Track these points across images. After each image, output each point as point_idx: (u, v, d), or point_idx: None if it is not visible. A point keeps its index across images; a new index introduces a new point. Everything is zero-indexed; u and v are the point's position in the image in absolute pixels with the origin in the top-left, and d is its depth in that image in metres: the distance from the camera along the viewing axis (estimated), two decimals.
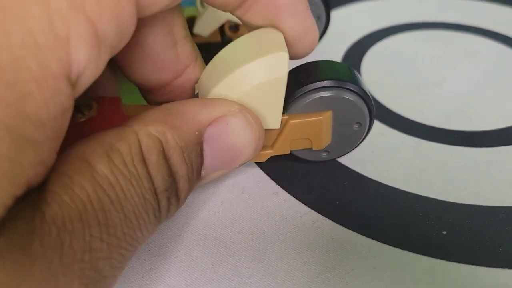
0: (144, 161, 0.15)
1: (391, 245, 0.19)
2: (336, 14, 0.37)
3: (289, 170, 0.23)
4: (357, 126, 0.21)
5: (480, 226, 0.20)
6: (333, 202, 0.21)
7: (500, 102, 0.27)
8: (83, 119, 0.19)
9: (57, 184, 0.13)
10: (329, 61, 0.21)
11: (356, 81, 0.20)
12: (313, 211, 0.21)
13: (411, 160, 0.23)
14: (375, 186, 0.22)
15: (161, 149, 0.15)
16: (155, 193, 0.15)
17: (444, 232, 0.19)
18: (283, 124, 0.20)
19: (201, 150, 0.16)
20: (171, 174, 0.15)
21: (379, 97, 0.28)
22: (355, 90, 0.20)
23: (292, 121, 0.20)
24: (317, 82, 0.19)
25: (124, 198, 0.14)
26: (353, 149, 0.22)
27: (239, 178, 0.22)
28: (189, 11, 0.30)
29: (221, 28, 0.30)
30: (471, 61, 0.31)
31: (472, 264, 0.18)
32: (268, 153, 0.20)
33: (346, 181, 0.22)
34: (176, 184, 0.16)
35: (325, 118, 0.20)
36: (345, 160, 0.23)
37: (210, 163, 0.17)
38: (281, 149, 0.20)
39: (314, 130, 0.20)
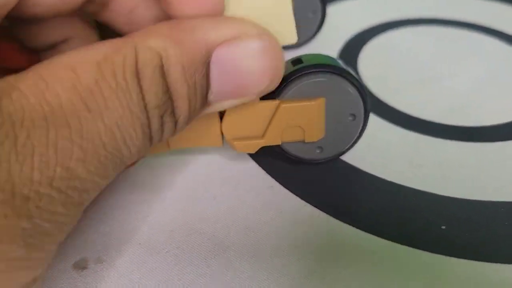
0: (137, 74, 0.14)
1: (389, 239, 0.19)
2: (334, 9, 0.37)
3: (285, 164, 0.22)
4: (351, 119, 0.20)
5: (479, 221, 0.19)
6: (330, 196, 0.21)
7: (500, 98, 0.27)
8: None
9: (30, 86, 0.13)
10: (324, 54, 0.20)
11: (350, 71, 0.19)
12: (309, 205, 0.20)
13: (410, 155, 0.23)
14: (373, 180, 0.21)
15: (159, 63, 0.14)
16: (145, 108, 0.14)
17: (443, 227, 0.19)
18: (275, 109, 0.19)
19: (208, 71, 0.15)
20: (167, 91, 0.14)
21: (377, 91, 0.27)
22: (349, 78, 0.19)
23: (283, 105, 0.19)
24: (310, 66, 0.19)
25: (105, 108, 0.13)
26: (348, 148, 0.21)
27: (233, 172, 0.22)
28: None
29: None
30: (470, 58, 0.31)
31: (471, 259, 0.18)
32: (259, 142, 0.20)
33: (343, 175, 0.22)
34: (172, 103, 0.15)
35: (318, 104, 0.19)
36: None
37: (218, 88, 0.16)
38: (272, 138, 0.20)
39: (306, 116, 0.19)
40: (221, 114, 0.19)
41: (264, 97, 0.19)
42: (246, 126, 0.19)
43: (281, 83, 0.18)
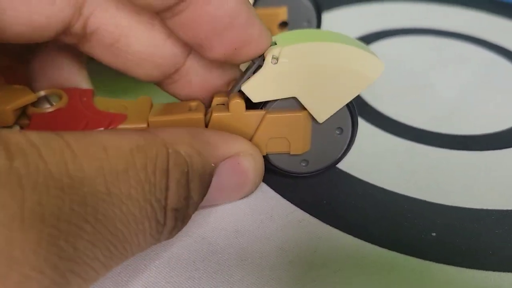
0: (167, 173, 0.14)
1: (379, 245, 0.19)
2: (328, 17, 0.37)
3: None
4: (338, 132, 0.20)
5: (470, 229, 0.19)
6: (321, 201, 0.20)
7: (490, 107, 0.27)
8: (50, 110, 0.18)
9: (53, 151, 0.12)
10: None
11: None
12: (299, 209, 0.20)
13: (401, 162, 0.23)
14: (364, 186, 0.21)
15: (186, 169, 0.15)
16: (164, 207, 0.14)
17: (434, 234, 0.19)
18: (260, 119, 0.19)
19: (210, 182, 0.17)
20: (187, 198, 0.15)
21: (370, 99, 0.28)
22: None
23: (269, 115, 0.19)
24: None
25: (127, 197, 0.13)
26: (335, 162, 0.21)
27: None
28: None
29: None
30: (461, 67, 0.31)
31: (462, 266, 0.18)
32: None
33: (334, 180, 0.21)
34: (187, 209, 0.16)
35: (304, 116, 0.19)
36: None
37: (211, 196, 0.17)
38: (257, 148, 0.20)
39: (291, 128, 0.19)
40: (207, 123, 0.19)
41: (251, 107, 0.19)
42: None
43: None
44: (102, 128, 0.18)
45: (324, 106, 0.19)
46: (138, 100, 0.20)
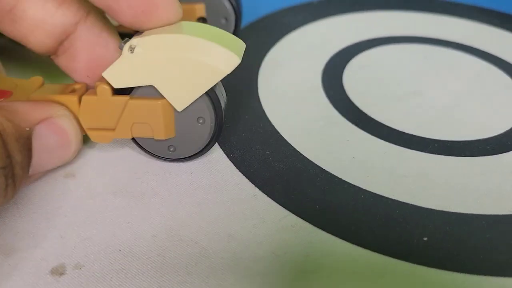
0: None
1: (371, 250, 0.19)
2: (319, 25, 0.38)
3: (268, 173, 0.22)
4: (201, 122, 0.21)
5: (461, 234, 0.19)
6: (313, 206, 0.20)
7: (480, 114, 0.27)
8: None
9: None
10: None
11: None
12: (292, 214, 0.20)
13: (392, 167, 0.23)
14: (356, 191, 0.21)
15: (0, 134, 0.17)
16: None
17: (425, 239, 0.19)
18: (124, 104, 0.20)
19: (31, 145, 0.18)
20: (9, 156, 0.17)
21: (360, 105, 0.28)
22: None
23: (130, 101, 0.20)
24: None
25: None
26: (202, 151, 0.22)
27: (217, 180, 0.22)
28: None
29: None
30: (451, 74, 0.31)
31: (453, 270, 0.18)
32: (110, 134, 0.21)
33: (326, 186, 0.22)
34: (13, 168, 0.17)
35: (163, 104, 0.20)
36: (325, 165, 0.23)
37: (35, 160, 0.19)
38: (123, 131, 0.21)
39: (152, 114, 0.20)
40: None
41: (119, 92, 0.20)
42: (100, 118, 0.21)
43: None
44: None
45: (181, 96, 0.20)
46: (30, 79, 0.22)
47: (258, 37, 0.35)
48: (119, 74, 0.19)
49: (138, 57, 0.19)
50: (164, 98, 0.20)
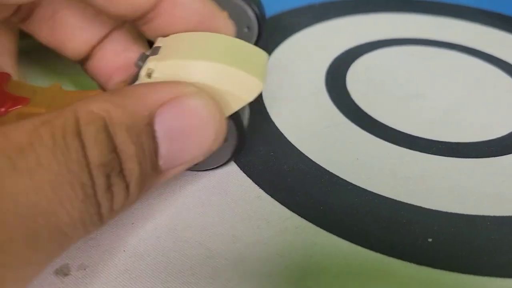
0: (78, 133, 0.13)
1: (375, 251, 0.19)
2: (322, 27, 0.38)
3: (272, 174, 0.22)
4: (224, 141, 0.20)
5: (465, 235, 0.19)
6: (317, 207, 0.20)
7: (483, 115, 0.27)
8: None
9: None
10: None
11: None
12: (296, 215, 0.20)
13: (395, 168, 0.23)
14: (360, 192, 0.21)
15: (103, 123, 0.14)
16: (86, 166, 0.13)
17: (430, 240, 0.19)
18: None
19: (153, 132, 0.15)
20: (114, 150, 0.14)
21: (364, 106, 0.28)
22: None
23: None
24: None
25: (37, 165, 0.12)
26: (223, 164, 0.22)
27: (221, 181, 0.22)
28: None
29: None
30: (454, 77, 0.31)
31: (458, 271, 0.18)
32: None
33: (330, 187, 0.22)
34: (121, 163, 0.14)
35: None
36: (329, 166, 0.23)
37: (167, 150, 0.16)
38: None
39: None
40: None
41: None
42: None
43: None
44: (3, 109, 0.19)
45: None
46: (49, 86, 0.21)
47: (261, 39, 0.35)
48: None
49: None
50: None
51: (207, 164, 0.22)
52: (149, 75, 0.18)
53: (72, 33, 0.20)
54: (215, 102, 0.17)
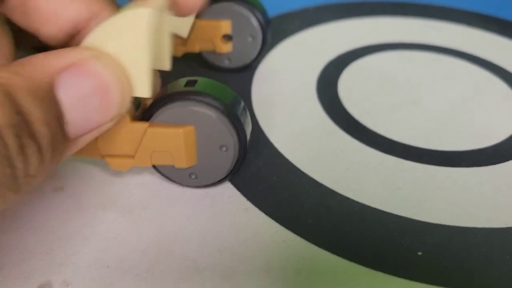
0: None
1: (365, 265, 0.18)
2: (315, 31, 0.37)
3: (260, 186, 0.22)
4: (224, 150, 0.20)
5: (455, 248, 0.19)
6: (305, 220, 0.20)
7: (478, 123, 0.27)
8: None
9: None
10: (220, 84, 0.20)
11: (225, 100, 0.19)
12: (284, 228, 0.20)
13: (387, 179, 0.23)
14: (350, 204, 0.21)
15: (3, 89, 0.14)
16: None
17: (420, 253, 0.19)
18: (143, 131, 0.19)
19: (56, 98, 0.15)
20: (20, 113, 0.14)
21: (356, 114, 0.27)
22: (219, 107, 0.19)
23: (150, 129, 0.19)
24: (178, 93, 0.19)
25: None
26: (226, 178, 0.21)
27: (208, 192, 0.21)
28: None
29: None
30: (449, 82, 0.31)
31: (448, 286, 0.18)
32: (130, 162, 0.20)
33: (319, 199, 0.21)
34: (29, 125, 0.14)
35: (185, 132, 0.19)
36: (319, 177, 0.22)
37: (72, 117, 0.15)
38: (142, 159, 0.20)
39: (173, 143, 0.19)
40: None
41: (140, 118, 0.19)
42: (119, 144, 0.19)
43: (155, 105, 0.19)
44: None
45: (137, 82, 0.17)
46: None
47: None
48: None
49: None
50: (186, 126, 0.19)
51: (208, 177, 0.21)
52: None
53: (45, 18, 0.20)
54: (116, 62, 0.16)
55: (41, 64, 0.15)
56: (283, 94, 0.29)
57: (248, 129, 0.20)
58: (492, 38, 0.37)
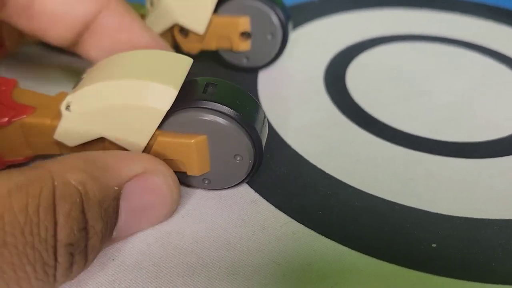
0: (52, 209, 0.13)
1: (377, 257, 0.18)
2: (322, 24, 0.37)
3: (269, 177, 0.21)
4: (238, 159, 0.19)
5: (471, 239, 0.19)
6: (316, 212, 0.20)
7: (489, 114, 0.27)
8: None
9: None
10: (231, 84, 0.19)
11: (241, 109, 0.18)
12: (293, 220, 0.19)
13: (398, 170, 0.22)
14: (361, 196, 0.20)
15: (79, 199, 0.14)
16: (54, 246, 0.13)
17: (434, 245, 0.18)
18: (154, 139, 0.18)
19: (118, 207, 0.16)
20: (84, 229, 0.14)
21: (365, 105, 0.27)
22: (234, 117, 0.18)
23: (160, 139, 0.18)
24: (193, 101, 0.18)
25: (2, 245, 0.12)
26: (241, 183, 0.20)
27: None
28: (138, 10, 0.29)
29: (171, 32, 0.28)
30: (458, 73, 0.31)
31: (463, 279, 0.17)
32: None
33: (329, 190, 0.21)
34: (87, 241, 0.14)
35: (197, 143, 0.18)
36: (329, 168, 0.22)
37: (123, 222, 0.16)
38: None
39: (185, 153, 0.18)
40: None
41: None
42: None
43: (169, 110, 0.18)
44: (6, 119, 0.19)
45: (133, 141, 0.18)
46: (55, 95, 0.20)
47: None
48: (68, 134, 0.18)
49: (76, 115, 0.18)
50: (198, 136, 0.18)
51: (222, 183, 0.20)
52: (67, 108, 0.18)
53: (53, 20, 0.20)
54: (175, 178, 0.18)
55: (113, 170, 0.16)
56: (290, 86, 0.29)
57: (265, 138, 0.20)
58: (501, 29, 0.37)
